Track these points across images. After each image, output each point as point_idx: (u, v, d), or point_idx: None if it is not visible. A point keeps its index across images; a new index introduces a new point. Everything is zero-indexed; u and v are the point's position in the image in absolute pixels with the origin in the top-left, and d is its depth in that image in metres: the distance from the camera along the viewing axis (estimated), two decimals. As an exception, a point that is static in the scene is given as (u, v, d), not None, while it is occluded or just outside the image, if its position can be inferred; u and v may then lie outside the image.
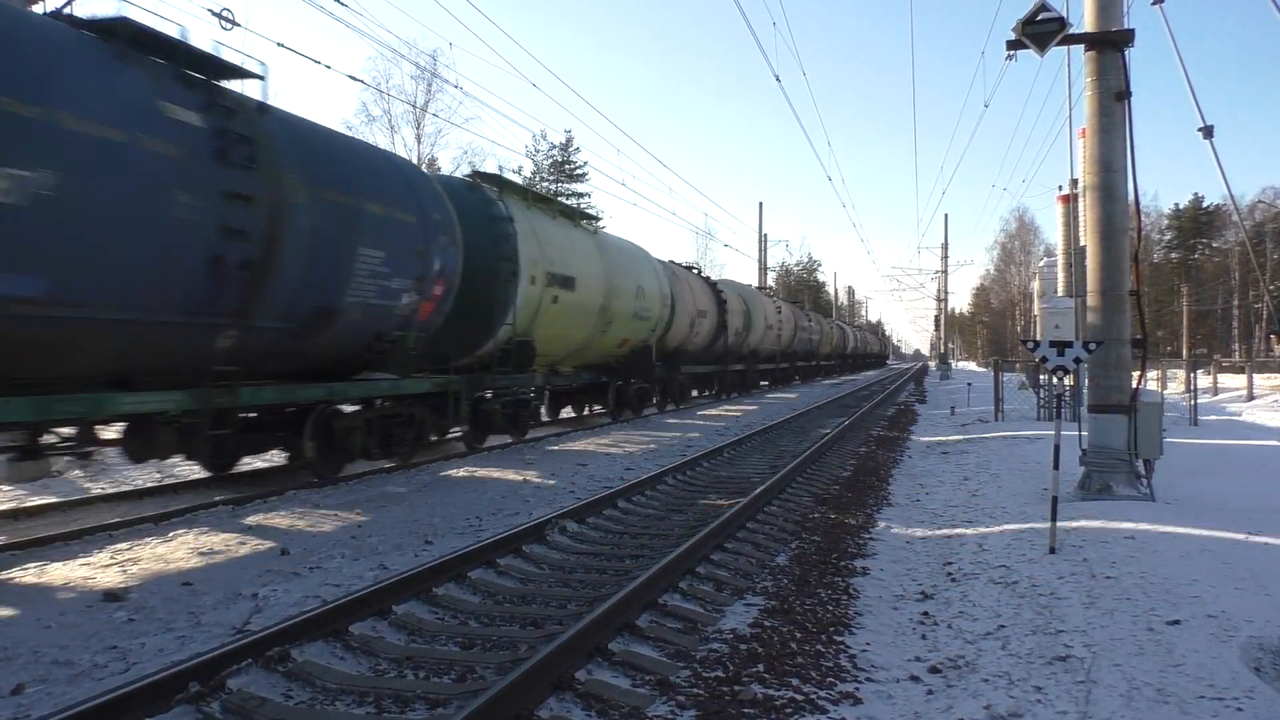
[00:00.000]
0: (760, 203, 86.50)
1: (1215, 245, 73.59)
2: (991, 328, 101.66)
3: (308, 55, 34.41)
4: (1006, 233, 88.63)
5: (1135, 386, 9.68)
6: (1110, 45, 9.61)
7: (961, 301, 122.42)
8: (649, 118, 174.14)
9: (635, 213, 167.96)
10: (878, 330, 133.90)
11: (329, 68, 33.52)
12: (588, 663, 4.59)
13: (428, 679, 4.45)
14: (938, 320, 69.27)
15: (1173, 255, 74.87)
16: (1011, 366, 36.07)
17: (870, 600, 6.07)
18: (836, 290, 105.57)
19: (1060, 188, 33.92)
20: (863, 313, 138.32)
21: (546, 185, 54.93)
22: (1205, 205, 73.51)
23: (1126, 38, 9.59)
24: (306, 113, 10.55)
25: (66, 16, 7.27)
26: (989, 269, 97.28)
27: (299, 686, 4.31)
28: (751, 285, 39.95)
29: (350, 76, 46.60)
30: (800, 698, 4.26)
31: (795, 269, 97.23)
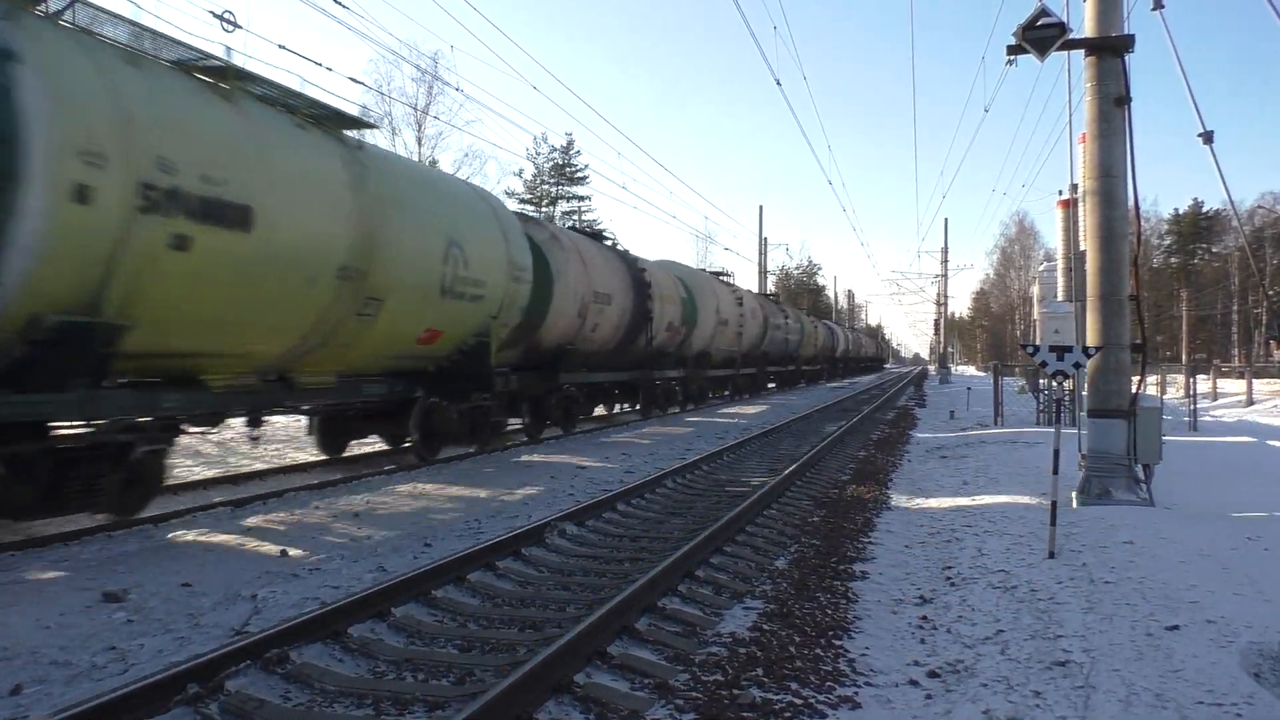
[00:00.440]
0: (760, 206, 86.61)
1: (1215, 250, 73.58)
2: (991, 332, 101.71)
3: (309, 57, 34.41)
4: (1006, 237, 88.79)
5: (1134, 391, 9.68)
6: (1110, 51, 9.63)
7: (961, 305, 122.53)
8: (650, 121, 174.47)
9: (636, 216, 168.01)
10: (876, 333, 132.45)
11: (330, 70, 33.60)
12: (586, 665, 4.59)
13: (427, 681, 4.46)
14: (937, 324, 69.32)
15: (1172, 260, 74.87)
16: (1011, 371, 35.69)
17: (869, 604, 6.07)
18: (836, 294, 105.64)
19: (1060, 192, 34.01)
20: (862, 316, 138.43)
21: (547, 188, 55.01)
22: (1205, 210, 73.51)
23: (1126, 43, 9.61)
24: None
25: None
26: (989, 273, 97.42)
27: (298, 688, 4.31)
28: (705, 272, 30.06)
29: (351, 79, 46.61)
30: (799, 702, 4.26)
31: (795, 272, 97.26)
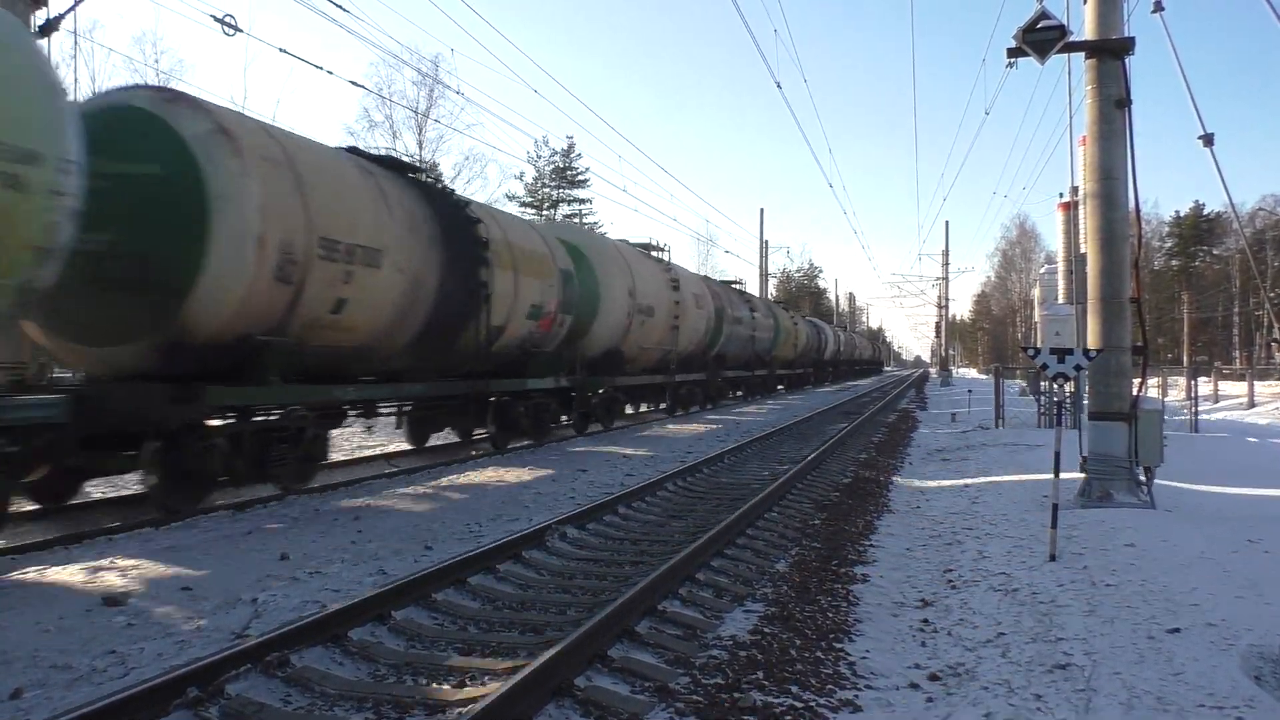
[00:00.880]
0: (761, 209, 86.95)
1: (1216, 252, 73.58)
2: (992, 334, 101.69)
3: (310, 61, 34.41)
4: (1007, 239, 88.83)
5: (1136, 394, 9.68)
6: (1110, 53, 9.63)
7: (962, 308, 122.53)
8: (651, 124, 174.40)
9: (637, 219, 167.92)
10: (877, 335, 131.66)
11: (331, 73, 33.62)
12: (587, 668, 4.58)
13: (427, 684, 4.45)
14: (938, 327, 69.32)
15: (1173, 262, 74.87)
16: (1012, 373, 35.46)
17: (870, 607, 6.06)
18: (837, 296, 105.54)
19: (1061, 195, 33.97)
20: (864, 319, 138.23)
21: (548, 191, 55.05)
22: (1206, 212, 73.52)
23: (1127, 45, 9.61)
24: (307, 117, 10.52)
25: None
26: (990, 276, 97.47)
27: (298, 692, 4.31)
28: (628, 242, 21.55)
29: (352, 82, 46.53)
30: (800, 705, 4.25)
31: (797, 275, 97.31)
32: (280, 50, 15.01)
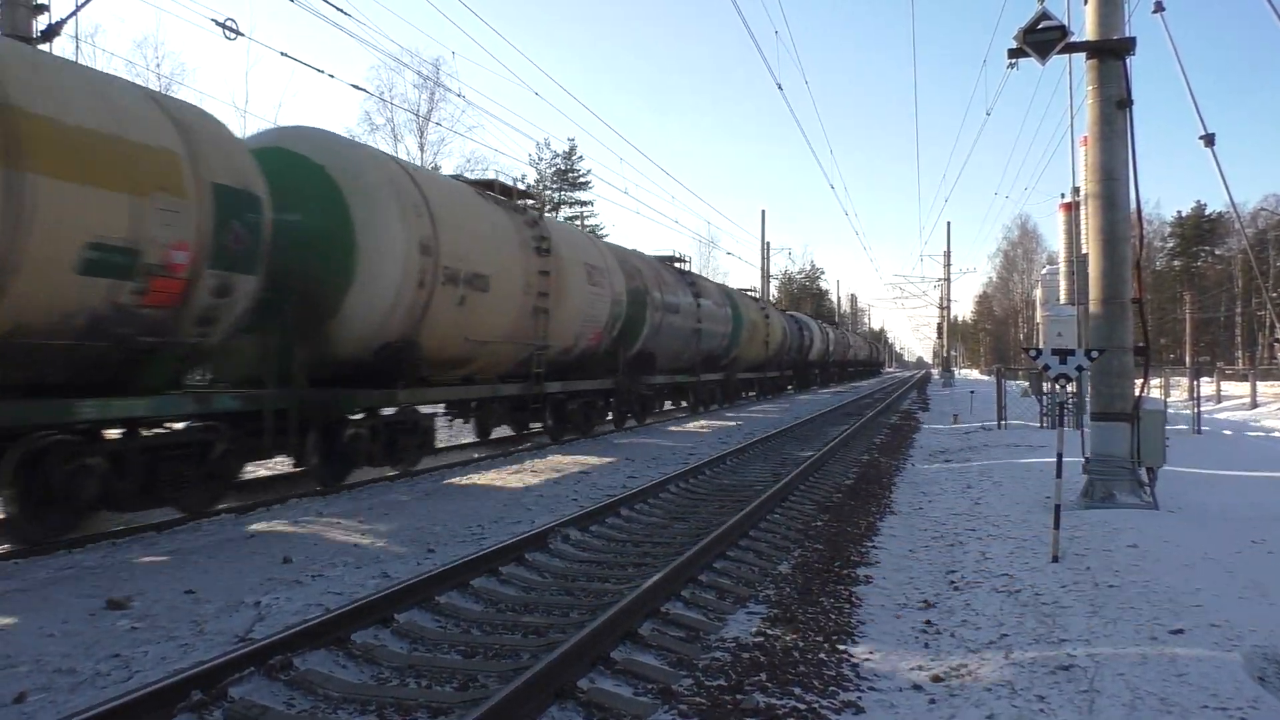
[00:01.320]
0: (763, 211, 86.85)
1: (1218, 253, 73.55)
2: (994, 335, 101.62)
3: (311, 64, 34.45)
4: (1009, 240, 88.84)
5: (1138, 394, 9.67)
6: (1111, 53, 9.63)
7: (964, 309, 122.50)
8: (651, 126, 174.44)
9: (638, 220, 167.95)
10: (877, 336, 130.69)
11: (332, 77, 33.65)
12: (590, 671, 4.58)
13: (430, 687, 4.46)
14: (940, 328, 69.24)
15: (1175, 263, 74.83)
16: (1014, 374, 35.22)
17: (873, 608, 6.06)
18: (839, 298, 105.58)
19: (1062, 195, 33.93)
20: (865, 320, 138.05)
21: (550, 193, 55.08)
22: (1208, 213, 73.50)
23: (1127, 46, 9.61)
24: (308, 120, 10.60)
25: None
26: (992, 276, 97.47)
27: (301, 695, 4.31)
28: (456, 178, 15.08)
29: (354, 85, 46.61)
30: (803, 707, 4.25)
31: (798, 277, 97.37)
32: (282, 54, 15.01)
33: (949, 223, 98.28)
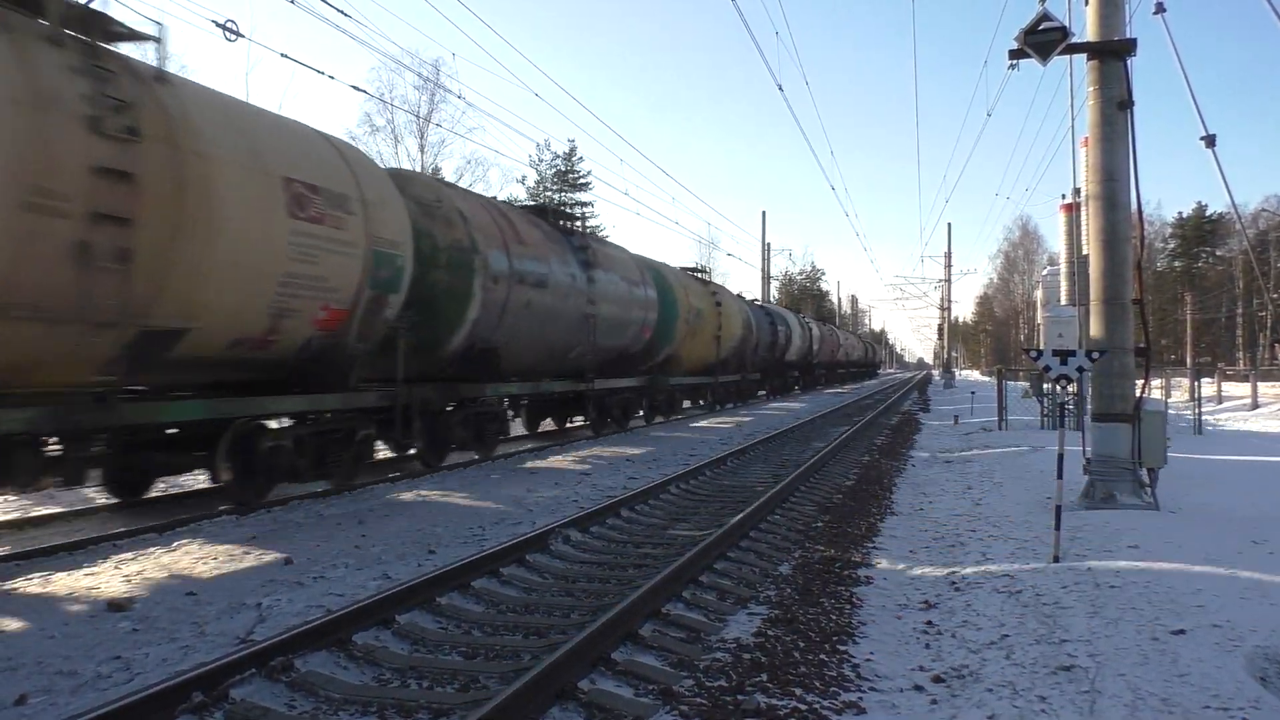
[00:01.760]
0: (764, 212, 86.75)
1: (1219, 253, 73.51)
2: (995, 336, 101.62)
3: (311, 66, 34.50)
4: (1010, 241, 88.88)
5: (1139, 395, 9.66)
6: (1112, 54, 9.63)
7: (965, 310, 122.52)
8: (652, 127, 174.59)
9: (639, 222, 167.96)
10: (877, 337, 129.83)
11: (333, 78, 33.68)
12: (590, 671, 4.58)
13: (431, 688, 4.46)
14: (941, 329, 69.23)
15: (1176, 264, 74.81)
16: (1015, 375, 35.11)
17: (874, 609, 6.06)
18: (840, 298, 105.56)
19: (1063, 196, 33.88)
20: (866, 321, 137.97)
21: (550, 194, 55.13)
22: (1209, 213, 73.46)
23: (1128, 47, 9.61)
24: (309, 122, 10.64)
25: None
26: (992, 277, 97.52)
27: (302, 696, 4.31)
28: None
29: (354, 87, 46.70)
30: (804, 707, 4.25)
31: (799, 278, 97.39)
32: (282, 55, 15.03)
33: (950, 224, 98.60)
